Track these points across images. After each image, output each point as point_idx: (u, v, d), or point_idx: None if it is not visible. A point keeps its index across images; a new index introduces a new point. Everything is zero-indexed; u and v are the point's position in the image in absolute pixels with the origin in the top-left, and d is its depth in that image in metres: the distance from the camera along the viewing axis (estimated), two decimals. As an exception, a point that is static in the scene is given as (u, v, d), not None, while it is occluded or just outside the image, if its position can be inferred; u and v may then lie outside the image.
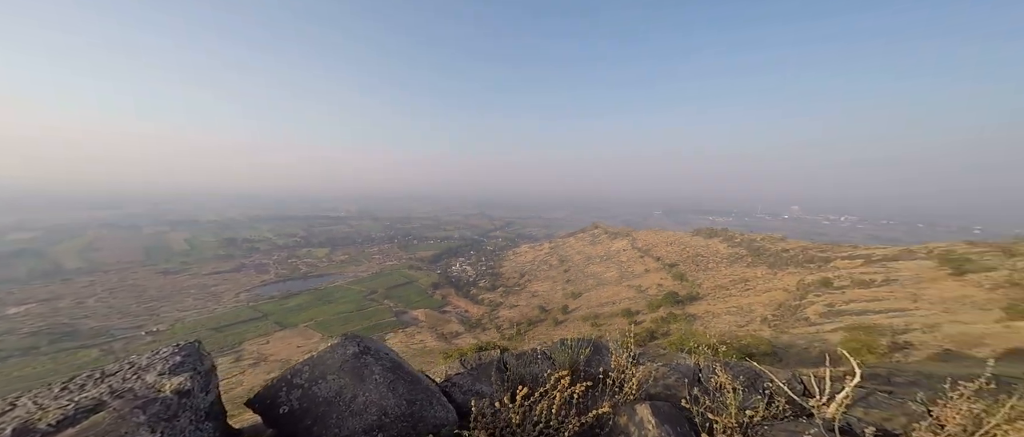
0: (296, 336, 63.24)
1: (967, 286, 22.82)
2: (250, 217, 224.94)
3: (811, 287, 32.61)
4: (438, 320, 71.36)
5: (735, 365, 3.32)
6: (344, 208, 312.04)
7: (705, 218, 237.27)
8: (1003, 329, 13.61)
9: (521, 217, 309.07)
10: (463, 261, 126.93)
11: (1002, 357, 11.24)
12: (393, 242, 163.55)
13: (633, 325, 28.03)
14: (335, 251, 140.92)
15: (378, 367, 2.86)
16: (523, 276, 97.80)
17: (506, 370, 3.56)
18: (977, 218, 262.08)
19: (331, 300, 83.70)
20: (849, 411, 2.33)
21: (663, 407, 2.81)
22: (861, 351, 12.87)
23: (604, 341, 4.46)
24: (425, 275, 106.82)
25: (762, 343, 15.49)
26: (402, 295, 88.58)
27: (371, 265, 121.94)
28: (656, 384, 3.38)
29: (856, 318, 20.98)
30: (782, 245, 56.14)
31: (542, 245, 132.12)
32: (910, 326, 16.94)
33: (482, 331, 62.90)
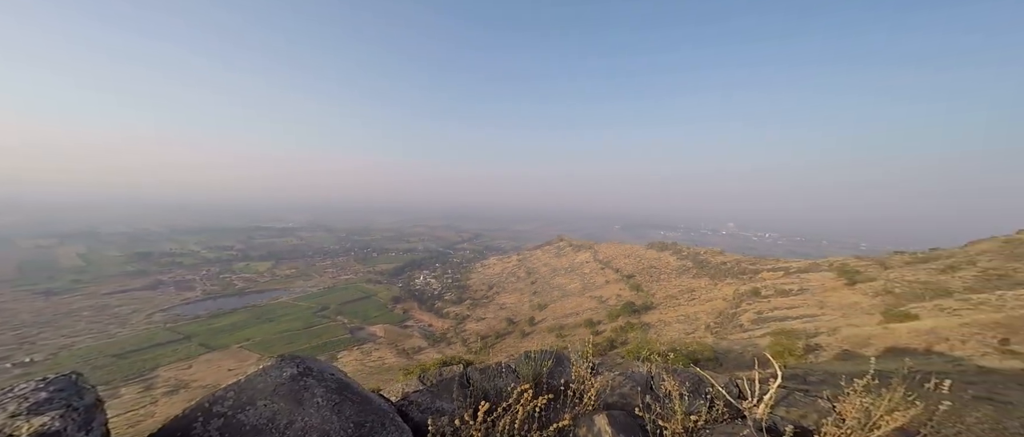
0: (228, 359, 55.75)
1: (857, 294, 26.80)
2: (172, 228, 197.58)
3: (744, 296, 36.11)
4: (399, 335, 67.31)
5: (682, 372, 3.52)
6: (293, 218, 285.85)
7: (657, 232, 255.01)
8: (883, 330, 16.09)
9: (490, 229, 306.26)
10: (428, 274, 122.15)
11: (883, 355, 13.25)
12: (350, 255, 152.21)
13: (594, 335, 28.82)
14: (279, 264, 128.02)
15: (321, 389, 2.58)
16: (491, 288, 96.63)
17: (469, 385, 3.43)
18: (863, 234, 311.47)
19: (273, 318, 75.35)
20: (774, 411, 2.57)
21: (619, 416, 2.87)
22: (784, 354, 14.40)
23: (566, 353, 4.51)
24: (385, 289, 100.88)
25: (706, 349, 16.67)
26: (359, 310, 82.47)
27: (323, 279, 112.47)
28: (613, 393, 3.44)
29: (779, 324, 23.51)
30: (721, 258, 61.72)
31: (511, 257, 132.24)
32: (819, 330, 19.35)
33: (447, 345, 60.46)
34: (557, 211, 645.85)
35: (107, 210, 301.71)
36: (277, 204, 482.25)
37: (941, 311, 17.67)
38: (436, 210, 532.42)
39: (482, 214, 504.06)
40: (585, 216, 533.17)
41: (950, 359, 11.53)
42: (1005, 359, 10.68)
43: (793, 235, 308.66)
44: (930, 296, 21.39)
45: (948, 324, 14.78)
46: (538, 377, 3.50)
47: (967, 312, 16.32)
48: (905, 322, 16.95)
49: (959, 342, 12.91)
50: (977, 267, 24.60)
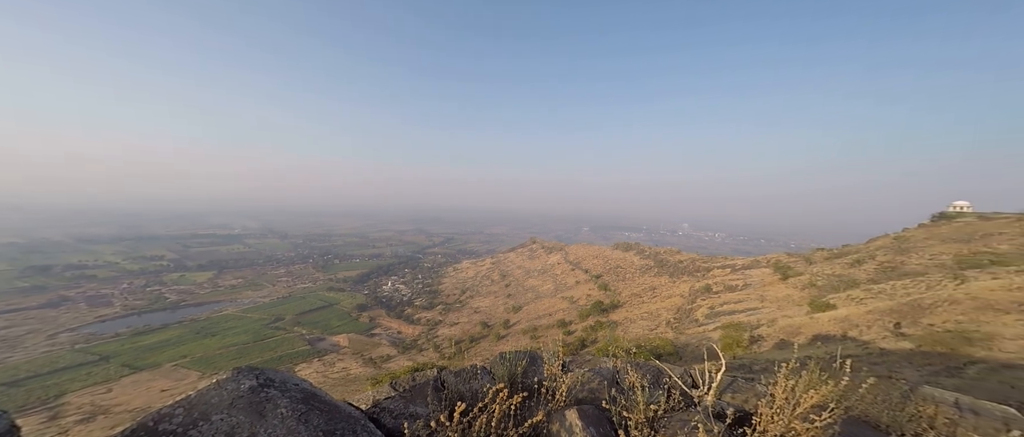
0: (160, 379, 49.13)
1: (789, 288, 29.98)
2: (80, 237, 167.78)
3: (698, 293, 38.89)
4: (365, 344, 63.76)
5: (644, 365, 3.75)
6: (241, 224, 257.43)
7: (622, 233, 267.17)
8: (809, 320, 18.15)
9: (463, 232, 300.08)
10: (396, 280, 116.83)
11: (811, 341, 14.94)
12: (308, 262, 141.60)
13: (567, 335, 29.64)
14: (223, 274, 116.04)
15: (285, 399, 2.41)
16: (465, 292, 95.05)
17: (444, 389, 3.38)
18: (792, 233, 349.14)
19: (215, 332, 67.97)
20: (722, 397, 2.84)
21: (589, 410, 2.99)
22: (733, 346, 15.72)
23: (539, 352, 4.59)
24: (349, 297, 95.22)
25: (667, 344, 17.69)
26: (319, 320, 77.07)
27: (277, 289, 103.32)
28: (583, 389, 3.55)
29: (728, 318, 25.61)
30: (678, 257, 65.90)
31: (484, 261, 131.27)
32: (760, 322, 21.36)
33: (419, 352, 58.32)
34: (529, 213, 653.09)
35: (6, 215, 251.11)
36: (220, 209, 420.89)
37: (851, 301, 20.31)
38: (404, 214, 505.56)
39: (454, 217, 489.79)
40: (555, 218, 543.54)
41: (860, 343, 13.29)
42: (899, 341, 12.53)
43: (738, 235, 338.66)
44: (843, 287, 24.46)
45: (857, 312, 17.03)
46: (513, 377, 3.54)
47: (870, 301, 18.92)
48: (826, 311, 19.26)
49: (866, 327, 14.93)
50: (876, 261, 28.60)
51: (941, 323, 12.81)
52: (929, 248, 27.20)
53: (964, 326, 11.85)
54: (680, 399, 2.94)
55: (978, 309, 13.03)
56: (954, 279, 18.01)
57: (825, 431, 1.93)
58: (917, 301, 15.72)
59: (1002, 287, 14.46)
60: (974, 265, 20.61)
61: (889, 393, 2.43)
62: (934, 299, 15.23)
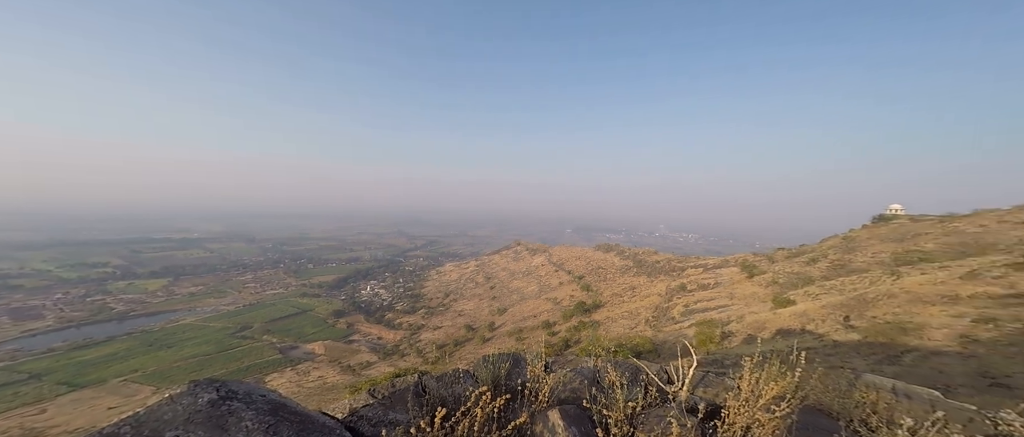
0: (106, 396, 44.32)
1: (755, 285, 31.77)
2: (2, 243, 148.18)
3: (674, 291, 40.36)
4: (343, 352, 60.93)
5: (623, 363, 3.84)
6: (202, 228, 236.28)
7: (604, 235, 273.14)
8: (773, 315, 19.32)
9: (446, 235, 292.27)
10: (376, 284, 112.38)
11: (775, 335, 15.89)
12: (278, 267, 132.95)
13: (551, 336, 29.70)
14: (179, 281, 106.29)
15: (250, 412, 2.23)
16: (448, 295, 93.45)
17: (425, 394, 3.30)
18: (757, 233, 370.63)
19: (171, 343, 62.26)
20: (695, 392, 2.96)
21: (570, 410, 3.02)
22: (706, 342, 16.41)
23: (522, 354, 4.58)
24: (324, 303, 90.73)
25: (646, 342, 18.19)
26: (291, 328, 72.82)
27: (243, 296, 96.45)
28: (565, 389, 3.57)
29: (701, 315, 26.73)
30: (655, 257, 68.19)
31: (469, 263, 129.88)
32: (730, 318, 22.46)
33: (400, 358, 56.49)
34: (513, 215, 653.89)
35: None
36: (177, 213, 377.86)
37: (808, 296, 21.82)
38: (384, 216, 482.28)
39: (437, 219, 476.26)
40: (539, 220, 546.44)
41: (816, 336, 14.28)
42: (848, 333, 13.59)
43: (709, 235, 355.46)
44: (801, 284, 26.25)
45: (813, 307, 18.32)
46: (497, 379, 3.51)
47: (824, 296, 20.41)
48: (787, 307, 20.56)
49: (821, 321, 16.08)
50: (828, 259, 30.96)
51: (882, 315, 14.03)
52: (871, 247, 29.77)
53: (900, 318, 13.03)
54: (657, 395, 3.04)
55: (911, 302, 14.39)
56: (892, 275, 19.79)
57: (784, 420, 2.08)
58: (862, 295, 17.14)
59: (929, 282, 16.05)
60: (907, 262, 22.72)
61: (838, 382, 2.66)
62: (876, 294, 16.67)
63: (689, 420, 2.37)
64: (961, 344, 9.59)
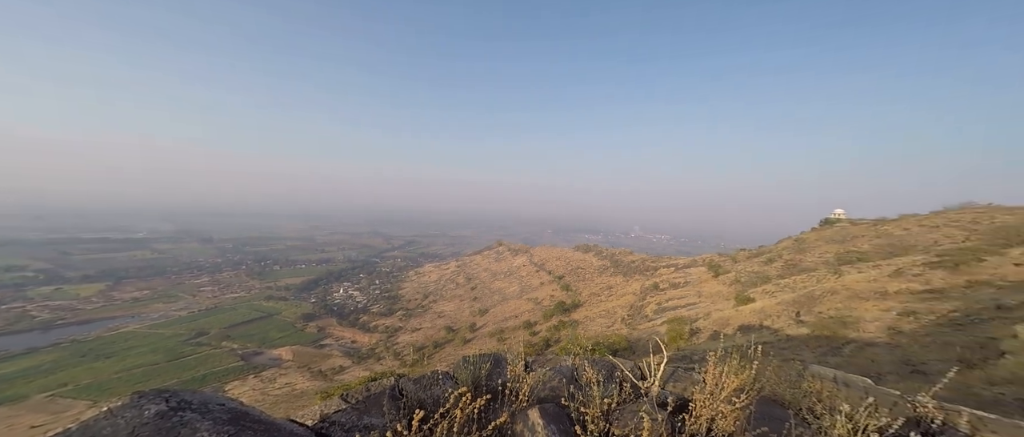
0: (30, 413, 39.07)
1: (720, 284, 33.80)
2: None
3: (648, 290, 42.00)
4: (313, 357, 57.75)
5: (599, 361, 3.95)
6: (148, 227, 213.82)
7: (582, 235, 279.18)
8: (736, 312, 20.65)
9: (425, 235, 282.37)
10: (349, 286, 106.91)
11: (737, 331, 16.98)
12: (239, 269, 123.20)
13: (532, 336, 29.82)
14: (120, 286, 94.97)
15: (206, 423, 2.03)
16: (427, 297, 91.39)
17: (402, 397, 3.21)
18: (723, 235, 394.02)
19: (111, 353, 55.91)
20: (665, 387, 3.11)
21: (550, 408, 3.05)
22: (677, 338, 17.24)
23: (503, 354, 4.58)
24: (292, 306, 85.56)
25: (621, 340, 18.78)
26: (255, 333, 67.91)
27: (198, 300, 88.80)
28: (544, 387, 3.60)
29: (672, 312, 28.02)
30: (631, 258, 70.58)
31: (449, 264, 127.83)
32: (698, 315, 23.74)
33: (376, 361, 54.43)
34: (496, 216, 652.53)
35: None
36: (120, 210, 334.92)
37: (766, 294, 23.53)
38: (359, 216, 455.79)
39: (416, 219, 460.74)
40: (521, 221, 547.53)
41: (772, 331, 15.43)
42: (799, 327, 14.80)
43: (679, 236, 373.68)
44: (759, 283, 28.25)
45: (770, 304, 19.79)
46: (477, 380, 3.48)
47: (779, 294, 22.11)
48: (747, 304, 22.04)
49: (776, 317, 17.40)
50: (782, 259, 33.57)
51: (827, 311, 15.43)
52: (818, 248, 32.66)
53: (842, 313, 14.40)
54: (631, 391, 3.16)
55: (850, 298, 15.95)
56: (835, 273, 21.81)
57: (743, 411, 2.24)
58: (811, 293, 18.76)
59: (864, 279, 17.88)
60: (847, 261, 25.13)
61: (789, 373, 2.92)
62: (822, 291, 18.30)
63: (660, 414, 2.49)
64: (889, 335, 10.76)
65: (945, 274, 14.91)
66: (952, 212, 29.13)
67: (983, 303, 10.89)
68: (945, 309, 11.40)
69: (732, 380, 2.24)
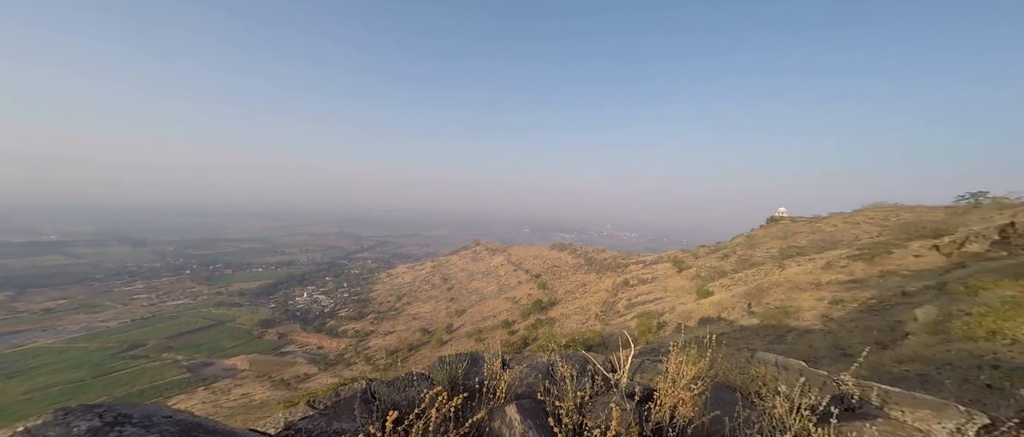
0: None
1: (683, 279, 36.10)
2: None
3: (619, 287, 43.81)
4: (273, 365, 53.65)
5: (573, 356, 4.08)
6: (61, 229, 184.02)
7: (558, 234, 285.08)
8: (697, 306, 22.20)
9: (397, 236, 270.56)
10: (314, 289, 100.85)
11: (699, 323, 18.25)
12: (183, 274, 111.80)
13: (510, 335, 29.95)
14: (24, 296, 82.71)
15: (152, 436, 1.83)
16: (401, 299, 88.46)
17: (375, 400, 3.10)
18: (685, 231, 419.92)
19: (13, 373, 48.16)
20: (633, 378, 3.29)
21: (527, 404, 3.11)
22: (646, 332, 18.17)
23: (480, 353, 4.58)
24: (247, 312, 79.32)
25: (595, 336, 19.45)
26: (203, 343, 62.14)
27: (131, 309, 78.93)
28: (521, 384, 3.64)
29: (642, 307, 29.46)
30: (603, 255, 73.07)
31: (424, 264, 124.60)
32: (664, 310, 25.19)
33: (346, 367, 51.76)
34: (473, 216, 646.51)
35: None
36: (21, 208, 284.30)
37: (723, 288, 25.53)
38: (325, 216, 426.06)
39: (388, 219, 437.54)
40: (498, 220, 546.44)
41: (728, 322, 16.78)
42: (750, 318, 16.24)
43: (647, 234, 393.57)
44: (717, 277, 30.56)
45: (726, 296, 21.50)
46: (454, 380, 3.46)
47: (734, 287, 24.08)
48: (707, 298, 23.77)
49: (732, 309, 18.94)
50: (736, 254, 36.59)
51: (773, 301, 17.07)
52: (766, 244, 35.99)
53: (785, 303, 16.01)
54: (602, 384, 3.31)
55: (792, 289, 17.78)
56: (779, 267, 24.17)
57: (700, 397, 2.45)
58: (760, 285, 20.64)
59: (802, 272, 20.02)
60: (789, 256, 27.95)
61: (739, 360, 3.23)
62: (768, 283, 20.21)
63: (628, 404, 2.64)
64: (822, 323, 12.16)
65: (864, 265, 17.11)
66: (868, 210, 33.48)
67: (892, 290, 12.66)
68: (865, 297, 13.10)
69: (690, 369, 2.44)
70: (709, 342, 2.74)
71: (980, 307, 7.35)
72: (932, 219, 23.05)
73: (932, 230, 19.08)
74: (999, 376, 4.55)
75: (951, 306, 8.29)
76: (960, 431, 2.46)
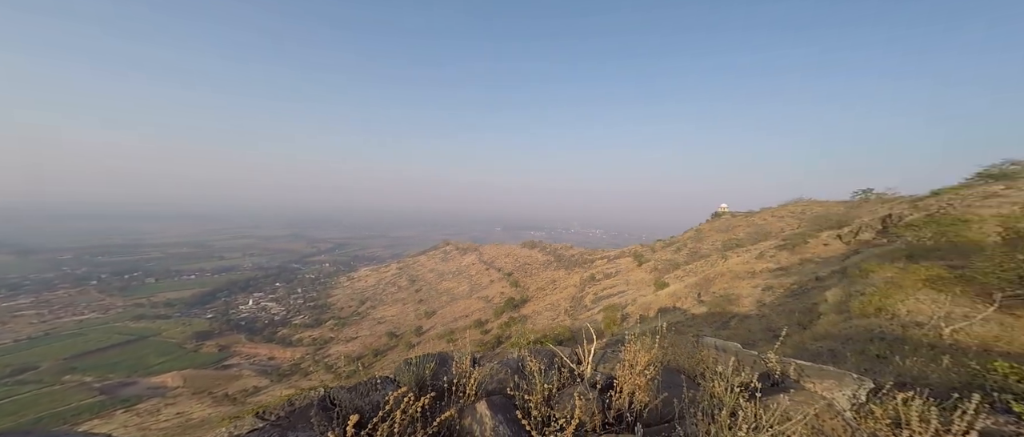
0: None
1: (643, 272, 38.64)
2: None
3: (586, 282, 45.65)
4: (214, 380, 48.07)
5: (541, 350, 4.20)
6: None
7: (529, 232, 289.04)
8: (655, 297, 23.94)
9: (359, 237, 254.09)
10: (262, 296, 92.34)
11: (657, 314, 19.70)
12: (87, 285, 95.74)
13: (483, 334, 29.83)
14: None
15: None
16: (364, 303, 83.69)
17: (334, 407, 2.93)
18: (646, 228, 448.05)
19: None
20: (598, 369, 3.49)
21: (497, 400, 3.14)
22: (611, 325, 19.17)
23: (449, 353, 4.52)
24: (177, 324, 70.44)
25: (565, 331, 20.09)
26: (121, 361, 54.21)
27: (14, 328, 66.18)
28: (492, 381, 3.64)
29: (607, 301, 31.00)
30: (571, 252, 75.35)
31: (389, 266, 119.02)
32: (627, 302, 26.77)
33: (303, 377, 47.76)
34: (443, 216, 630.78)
35: None
36: None
37: (677, 279, 27.80)
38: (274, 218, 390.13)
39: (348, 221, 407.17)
40: (470, 220, 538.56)
41: (682, 311, 18.34)
42: (700, 306, 17.91)
43: (611, 230, 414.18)
44: (672, 269, 33.18)
45: (680, 287, 23.47)
46: (421, 381, 3.37)
47: (686, 278, 26.37)
48: (664, 289, 25.74)
49: (685, 298, 20.73)
50: (687, 248, 40.03)
51: (718, 290, 19.01)
52: (711, 237, 39.84)
53: (728, 291, 17.92)
54: (569, 376, 3.46)
55: (733, 278, 19.94)
56: (723, 258, 26.90)
57: (653, 381, 2.68)
58: (707, 276, 22.84)
59: (741, 262, 22.54)
60: (730, 247, 31.16)
61: (687, 346, 3.59)
62: (714, 273, 22.45)
63: (591, 394, 2.80)
64: (758, 308, 13.82)
65: (788, 254, 19.73)
66: (790, 205, 38.66)
67: (808, 276, 14.78)
68: (788, 283, 15.14)
69: (644, 356, 2.66)
70: (661, 331, 3.02)
71: (870, 288, 8.87)
72: (836, 212, 27.07)
73: (836, 221, 22.35)
74: (884, 347, 5.56)
75: (850, 288, 9.90)
76: (855, 396, 2.99)
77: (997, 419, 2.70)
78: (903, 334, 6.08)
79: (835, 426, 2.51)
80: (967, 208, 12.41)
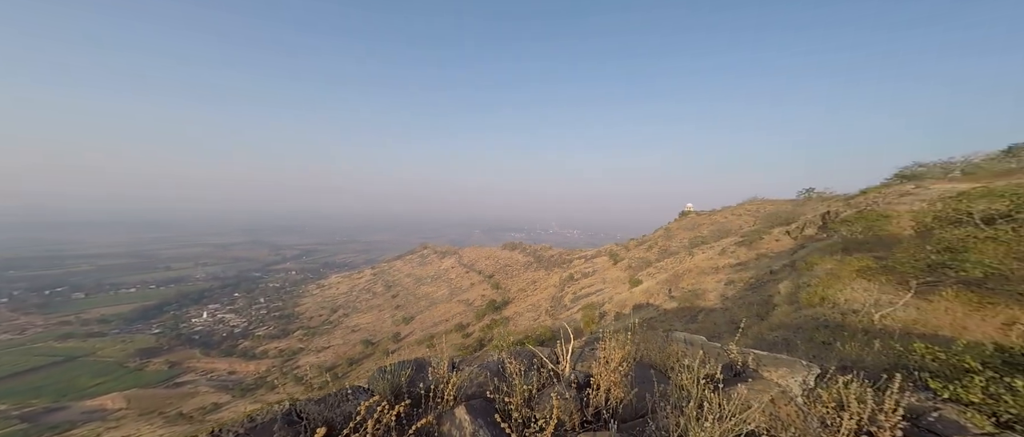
0: None
1: (619, 270, 39.96)
2: None
3: (565, 282, 46.41)
4: (165, 399, 43.65)
5: (521, 352, 4.19)
6: None
7: (508, 234, 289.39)
8: (630, 294, 24.87)
9: (328, 243, 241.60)
10: (218, 308, 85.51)
11: (632, 311, 20.46)
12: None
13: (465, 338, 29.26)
14: None
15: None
16: (336, 311, 79.48)
17: (301, 420, 2.74)
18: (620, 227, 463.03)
19: None
20: (576, 367, 3.54)
21: (477, 404, 3.08)
22: (589, 323, 19.62)
23: (427, 359, 4.37)
24: (114, 342, 63.49)
25: (546, 331, 20.26)
26: (45, 384, 48.26)
27: None
28: (472, 385, 3.57)
29: (585, 300, 31.71)
30: (550, 252, 76.11)
31: (362, 272, 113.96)
32: (604, 300, 27.55)
33: (269, 391, 44.35)
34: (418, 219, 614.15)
35: None
36: None
37: (650, 276, 29.06)
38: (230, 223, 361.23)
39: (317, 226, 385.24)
40: (448, 223, 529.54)
41: (655, 306, 19.19)
42: (671, 302, 18.84)
43: (587, 230, 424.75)
44: (645, 267, 34.59)
45: (652, 284, 24.57)
46: (397, 388, 3.23)
47: (658, 275, 27.64)
48: (638, 286, 26.79)
49: (657, 294, 21.72)
50: (658, 246, 41.98)
51: (687, 286, 20.12)
52: (679, 235, 42.07)
53: (696, 286, 19.02)
54: (548, 376, 3.48)
55: (700, 274, 21.21)
56: (690, 255, 28.49)
57: (627, 377, 2.77)
58: (676, 272, 24.11)
59: (706, 259, 24.04)
60: (696, 245, 33.05)
61: (658, 341, 3.77)
62: (683, 270, 23.75)
63: (569, 393, 2.83)
64: (721, 302, 14.79)
65: (746, 250, 21.32)
66: (747, 204, 41.86)
67: (764, 270, 16.07)
68: (747, 277, 16.36)
69: (618, 353, 2.74)
70: (634, 327, 3.13)
71: (814, 279, 9.81)
72: (786, 210, 29.61)
73: (786, 218, 24.48)
74: (828, 334, 6.17)
75: (799, 280, 10.89)
76: (805, 382, 3.27)
77: (919, 396, 3.10)
78: (842, 321, 6.79)
79: (789, 411, 2.73)
80: (888, 205, 14.13)
